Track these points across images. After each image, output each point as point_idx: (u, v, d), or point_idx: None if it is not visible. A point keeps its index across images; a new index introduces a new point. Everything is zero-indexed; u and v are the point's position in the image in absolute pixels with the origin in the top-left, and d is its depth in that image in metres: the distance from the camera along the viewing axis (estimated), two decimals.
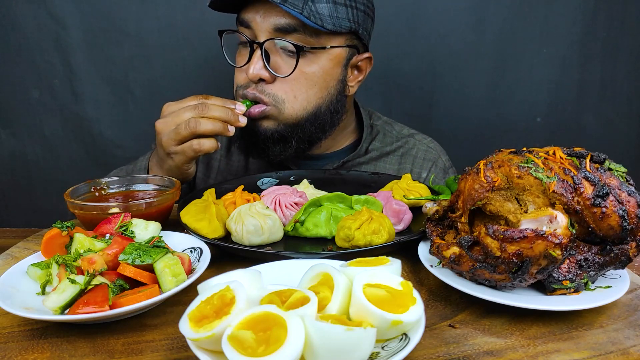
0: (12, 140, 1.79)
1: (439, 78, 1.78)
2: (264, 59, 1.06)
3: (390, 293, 0.54)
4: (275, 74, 1.08)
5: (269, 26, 1.05)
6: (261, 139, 1.14)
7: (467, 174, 0.74)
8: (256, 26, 1.06)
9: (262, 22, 1.05)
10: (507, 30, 1.73)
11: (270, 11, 1.04)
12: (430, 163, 1.32)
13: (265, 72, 1.07)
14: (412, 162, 1.32)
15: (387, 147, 1.32)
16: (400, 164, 1.32)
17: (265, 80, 1.08)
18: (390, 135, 1.35)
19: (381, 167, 1.31)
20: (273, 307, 0.48)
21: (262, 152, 1.17)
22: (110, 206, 0.85)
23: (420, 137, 1.36)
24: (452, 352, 0.56)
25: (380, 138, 1.34)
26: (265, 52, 1.07)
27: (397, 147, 1.33)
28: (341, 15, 1.05)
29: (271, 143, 1.15)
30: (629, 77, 1.78)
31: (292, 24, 1.04)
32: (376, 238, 0.78)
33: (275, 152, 1.16)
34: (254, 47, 1.07)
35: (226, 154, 1.37)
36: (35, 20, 1.66)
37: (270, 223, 0.82)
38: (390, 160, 1.32)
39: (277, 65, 1.08)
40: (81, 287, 0.59)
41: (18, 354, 0.57)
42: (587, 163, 0.66)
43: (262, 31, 1.06)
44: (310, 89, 1.12)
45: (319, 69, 1.10)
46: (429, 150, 1.34)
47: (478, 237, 0.64)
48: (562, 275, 0.64)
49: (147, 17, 1.68)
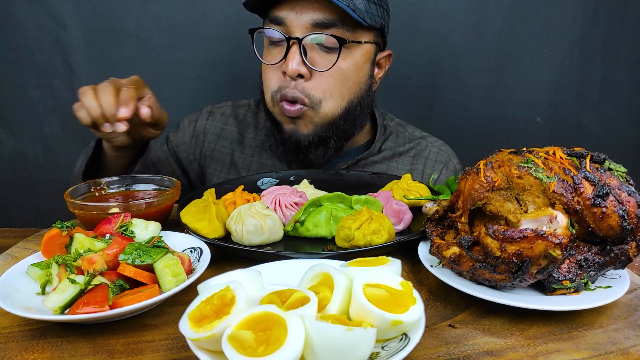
0: (12, 140, 1.79)
1: (439, 78, 1.78)
2: (302, 54, 1.07)
3: (390, 293, 0.54)
4: (314, 68, 1.08)
5: (307, 22, 1.05)
6: (303, 146, 1.16)
7: (467, 174, 0.74)
8: (292, 22, 1.06)
9: (299, 18, 1.05)
10: (507, 30, 1.73)
11: (307, 7, 1.05)
12: (442, 165, 1.34)
13: (304, 67, 1.07)
14: (424, 163, 1.34)
15: (400, 148, 1.34)
16: (412, 165, 1.33)
17: (304, 76, 1.09)
18: (403, 137, 1.37)
19: (394, 166, 1.33)
20: (273, 307, 0.48)
21: (305, 158, 1.19)
22: (110, 206, 0.85)
23: (432, 140, 1.39)
24: (452, 352, 0.56)
25: (393, 138, 1.36)
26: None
27: (409, 148, 1.35)
28: (373, 11, 1.08)
29: (313, 148, 1.17)
30: (629, 77, 1.78)
31: (331, 18, 1.05)
32: (376, 238, 0.78)
33: (318, 155, 1.19)
34: (290, 43, 1.07)
35: (240, 149, 1.36)
36: (35, 20, 1.66)
37: (270, 223, 0.82)
38: (402, 161, 1.33)
39: (314, 61, 1.09)
40: (81, 287, 0.59)
41: (18, 354, 0.57)
42: (587, 163, 0.66)
43: (299, 27, 1.06)
44: (344, 84, 1.13)
45: (353, 64, 1.12)
46: (440, 153, 1.36)
47: (478, 237, 0.64)
48: (562, 275, 0.64)
49: (147, 17, 1.68)
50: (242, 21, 1.69)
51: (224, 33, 1.70)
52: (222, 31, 1.69)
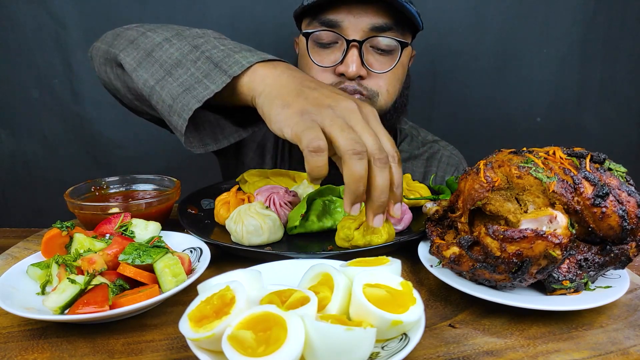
0: (12, 140, 1.79)
1: (439, 78, 1.78)
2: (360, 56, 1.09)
3: (390, 293, 0.54)
4: (373, 70, 1.11)
5: (364, 25, 1.07)
6: None
7: (467, 174, 0.74)
8: (349, 26, 1.08)
9: (356, 21, 1.07)
10: (507, 30, 1.73)
11: (365, 11, 1.07)
12: (453, 168, 1.40)
13: (363, 69, 1.10)
14: (437, 165, 1.39)
15: (415, 151, 1.40)
16: (426, 167, 1.39)
17: (362, 77, 1.12)
18: (417, 140, 1.43)
19: (409, 169, 1.38)
20: (273, 307, 0.48)
21: None
22: (110, 206, 0.85)
23: (443, 144, 1.44)
24: (452, 352, 0.56)
25: (407, 141, 1.41)
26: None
27: (423, 152, 1.40)
28: (416, 15, 1.12)
29: None
30: (629, 77, 1.78)
31: (388, 23, 1.08)
32: (375, 238, 0.78)
33: None
34: (349, 45, 1.08)
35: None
36: (35, 20, 1.66)
37: (270, 223, 0.82)
38: (417, 164, 1.39)
39: (371, 62, 1.11)
40: (81, 287, 0.59)
41: (18, 354, 0.57)
42: (587, 163, 0.66)
43: (357, 30, 1.08)
44: (397, 82, 1.18)
45: (401, 64, 1.16)
46: (452, 156, 1.42)
47: (478, 237, 0.64)
48: (562, 275, 0.64)
49: (147, 17, 1.68)
50: (242, 21, 1.69)
51: (224, 33, 1.69)
52: (222, 31, 1.68)
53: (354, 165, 0.63)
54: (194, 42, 0.82)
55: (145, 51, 0.84)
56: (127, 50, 0.86)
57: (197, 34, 0.85)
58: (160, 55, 0.82)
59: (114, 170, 1.77)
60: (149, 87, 0.82)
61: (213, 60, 0.78)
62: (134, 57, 0.85)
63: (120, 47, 0.88)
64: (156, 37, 0.85)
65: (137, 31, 0.89)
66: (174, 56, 0.81)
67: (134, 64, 0.84)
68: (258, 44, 1.70)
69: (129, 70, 0.85)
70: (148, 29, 0.88)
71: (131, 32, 0.89)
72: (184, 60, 0.80)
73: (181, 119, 0.77)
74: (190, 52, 0.80)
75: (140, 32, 0.88)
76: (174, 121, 0.79)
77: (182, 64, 0.79)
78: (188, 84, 0.77)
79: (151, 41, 0.85)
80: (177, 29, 0.87)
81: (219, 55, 0.78)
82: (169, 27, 0.88)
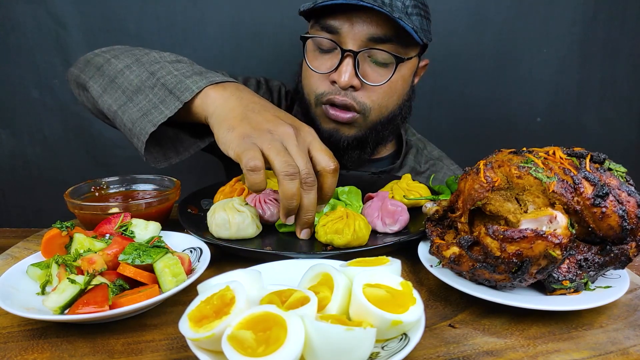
0: (12, 140, 1.79)
1: (439, 78, 1.78)
2: (355, 67, 1.07)
3: (390, 293, 0.54)
4: (367, 82, 1.08)
5: (363, 35, 1.04)
6: (342, 147, 1.16)
7: (467, 174, 0.74)
8: (347, 34, 1.05)
9: (355, 30, 1.04)
10: (507, 30, 1.73)
11: (365, 20, 1.04)
12: None
13: (356, 80, 1.07)
14: (439, 183, 1.37)
15: (418, 167, 1.37)
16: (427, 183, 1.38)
17: (355, 88, 1.09)
18: (422, 154, 1.40)
19: None
20: (273, 307, 0.48)
21: (340, 158, 1.17)
22: (110, 206, 0.85)
23: (448, 162, 1.41)
24: (452, 352, 0.56)
25: (413, 153, 1.38)
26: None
27: (426, 169, 1.38)
28: (425, 27, 1.09)
29: (350, 149, 1.17)
30: (629, 77, 1.78)
31: (387, 34, 1.04)
32: (337, 238, 0.78)
33: (353, 157, 1.19)
34: (344, 55, 1.06)
35: None
36: (35, 20, 1.66)
37: (239, 219, 0.81)
38: (419, 179, 1.39)
39: (366, 74, 1.08)
40: (81, 287, 0.59)
41: (18, 354, 0.57)
42: (587, 163, 0.66)
43: (355, 39, 1.05)
44: (392, 97, 1.14)
45: (400, 77, 1.12)
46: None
47: (478, 237, 0.64)
48: (562, 275, 0.64)
49: (147, 17, 1.68)
50: (242, 21, 1.69)
51: (224, 33, 1.70)
52: (222, 31, 1.69)
53: (286, 185, 0.73)
54: (150, 68, 0.90)
55: (109, 78, 0.93)
56: (95, 77, 0.96)
57: (155, 59, 0.92)
58: (122, 82, 0.91)
59: (114, 170, 1.77)
60: (113, 111, 0.91)
61: (167, 86, 0.86)
62: (100, 83, 0.94)
63: (90, 74, 0.97)
64: (119, 64, 0.93)
65: (104, 58, 0.98)
66: (134, 83, 0.90)
67: (100, 90, 0.94)
68: (258, 44, 1.70)
69: (96, 97, 0.94)
70: (113, 55, 0.97)
71: (98, 59, 0.98)
72: (142, 86, 0.89)
73: (139, 141, 0.87)
74: (147, 78, 0.89)
75: (106, 59, 0.97)
76: (134, 143, 0.89)
77: (141, 90, 0.88)
78: (146, 109, 0.86)
79: (114, 68, 0.93)
80: (137, 55, 0.95)
81: (172, 82, 0.86)
82: (131, 52, 0.96)
